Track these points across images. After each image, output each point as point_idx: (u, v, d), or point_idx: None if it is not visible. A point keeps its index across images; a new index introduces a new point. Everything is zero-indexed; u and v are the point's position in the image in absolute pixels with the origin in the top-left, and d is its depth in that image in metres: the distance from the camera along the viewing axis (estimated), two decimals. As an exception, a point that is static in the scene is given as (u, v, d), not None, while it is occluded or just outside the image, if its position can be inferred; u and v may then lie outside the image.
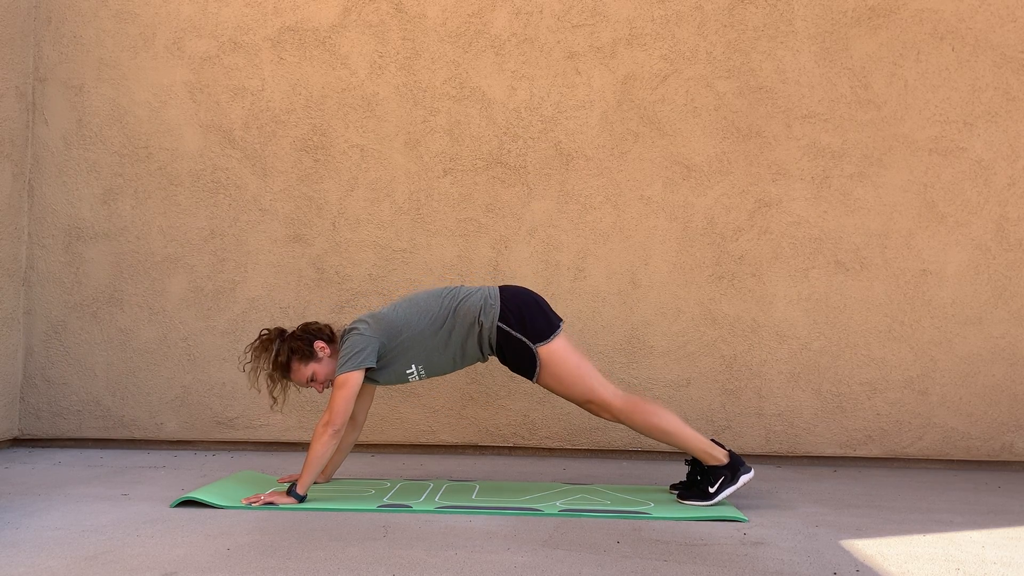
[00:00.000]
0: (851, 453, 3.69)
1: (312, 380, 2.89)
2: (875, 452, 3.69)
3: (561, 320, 2.90)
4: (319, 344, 2.87)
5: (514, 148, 3.81)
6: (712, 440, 2.82)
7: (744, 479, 2.75)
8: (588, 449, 3.75)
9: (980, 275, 3.69)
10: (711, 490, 2.74)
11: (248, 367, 2.89)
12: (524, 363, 2.84)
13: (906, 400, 3.68)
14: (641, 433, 2.88)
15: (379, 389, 3.77)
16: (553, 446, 3.76)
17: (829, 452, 3.70)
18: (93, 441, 3.86)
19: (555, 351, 2.81)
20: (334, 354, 2.89)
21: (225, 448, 3.84)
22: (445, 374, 3.00)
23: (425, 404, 3.78)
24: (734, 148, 3.76)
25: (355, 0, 3.87)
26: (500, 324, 2.82)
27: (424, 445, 3.80)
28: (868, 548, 2.32)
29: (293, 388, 2.97)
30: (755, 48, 3.78)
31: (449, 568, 2.04)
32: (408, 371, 2.88)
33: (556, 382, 2.83)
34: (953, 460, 3.68)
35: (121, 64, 3.91)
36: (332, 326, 2.97)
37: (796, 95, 3.76)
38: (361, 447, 3.79)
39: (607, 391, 2.82)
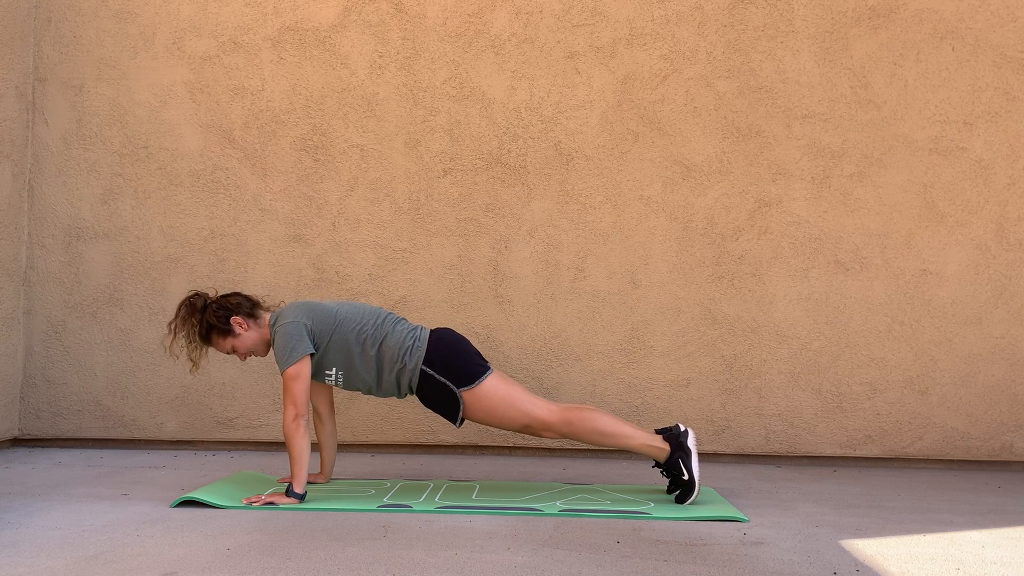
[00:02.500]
0: (851, 453, 3.69)
1: (232, 351, 2.93)
2: (875, 452, 3.69)
3: (488, 365, 2.86)
4: (236, 320, 2.88)
5: (514, 148, 3.81)
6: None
7: (691, 442, 2.78)
8: (588, 449, 3.75)
9: (980, 275, 3.69)
10: (685, 478, 2.76)
11: (168, 340, 2.90)
12: (446, 406, 2.84)
13: (906, 400, 3.68)
14: (587, 443, 2.88)
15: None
16: (553, 446, 3.76)
17: (829, 452, 3.70)
18: (93, 441, 3.86)
19: (481, 391, 2.80)
20: (255, 327, 2.91)
21: (225, 448, 3.84)
22: (361, 392, 3.00)
23: (425, 404, 3.78)
24: (734, 148, 3.76)
25: (355, 0, 3.87)
26: (424, 367, 2.81)
27: (424, 445, 3.80)
28: (868, 548, 2.32)
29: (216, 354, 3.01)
30: (755, 48, 3.78)
31: (449, 568, 2.04)
32: (328, 372, 2.89)
33: (487, 415, 2.82)
34: (953, 460, 3.69)
35: (121, 64, 3.91)
36: (255, 298, 2.98)
37: (796, 95, 3.76)
38: (361, 447, 3.79)
39: (541, 409, 2.81)
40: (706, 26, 3.79)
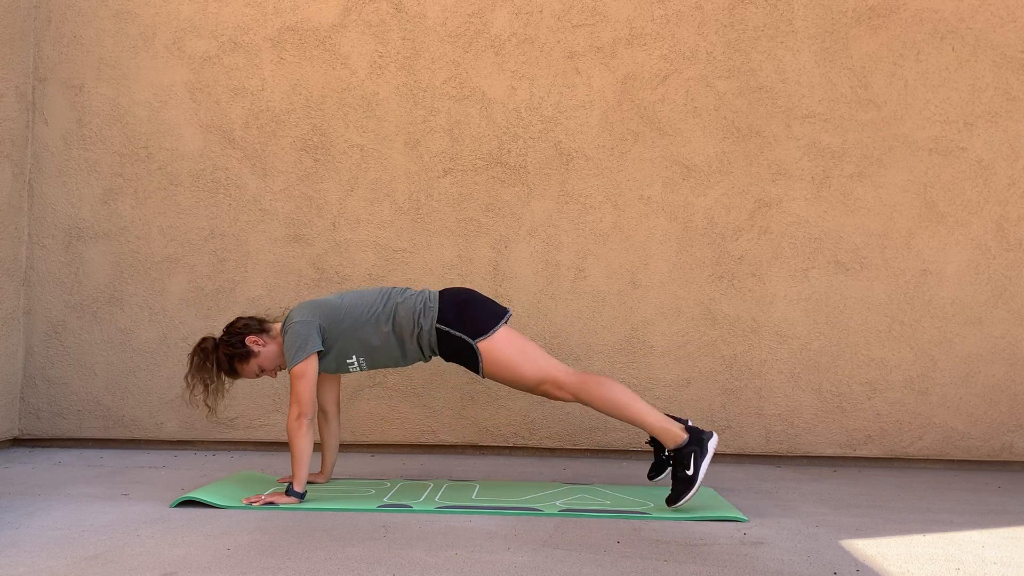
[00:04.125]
0: (851, 453, 3.69)
1: (261, 372, 2.94)
2: (875, 452, 3.69)
3: (506, 311, 2.90)
4: (250, 339, 2.90)
5: (514, 148, 3.81)
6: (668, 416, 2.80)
7: (712, 444, 2.68)
8: (588, 449, 3.75)
9: (980, 275, 3.69)
10: (689, 472, 2.65)
11: (187, 392, 2.91)
12: (467, 359, 2.86)
13: (906, 400, 3.68)
14: (598, 410, 2.83)
15: (378, 388, 3.77)
16: (553, 446, 3.76)
17: (829, 452, 3.70)
18: (93, 441, 3.86)
19: (496, 341, 2.81)
20: (271, 340, 2.92)
21: (225, 448, 3.84)
22: (389, 368, 3.04)
23: (425, 404, 3.78)
24: (734, 148, 3.76)
25: (355, 0, 3.87)
26: (439, 325, 2.83)
27: (424, 445, 3.80)
28: (868, 548, 2.32)
29: (229, 386, 3.00)
30: (755, 48, 3.78)
31: (449, 568, 2.04)
32: (349, 361, 2.91)
33: (503, 370, 2.82)
34: (953, 460, 3.69)
35: (121, 64, 3.91)
36: (258, 316, 3.02)
37: (796, 95, 3.76)
38: (361, 447, 3.79)
39: (559, 370, 2.81)
40: (706, 26, 3.79)
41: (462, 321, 2.84)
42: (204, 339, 2.95)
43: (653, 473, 2.88)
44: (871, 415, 3.69)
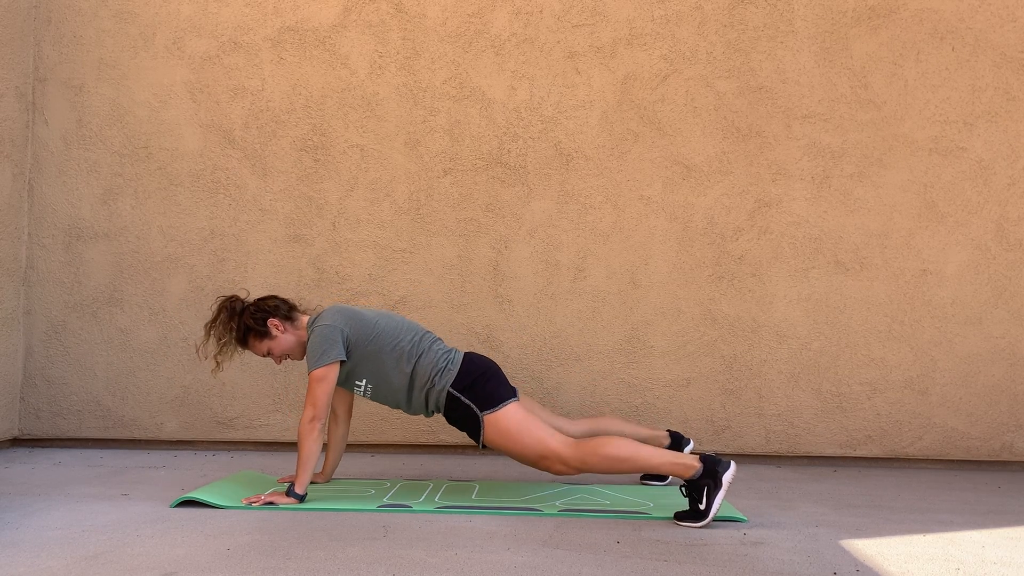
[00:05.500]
0: (851, 453, 3.69)
1: (269, 354, 2.93)
2: (875, 452, 3.69)
3: (515, 392, 2.85)
4: (273, 322, 2.89)
5: (514, 148, 3.81)
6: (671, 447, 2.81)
7: (727, 478, 2.56)
8: (588, 449, 3.75)
9: (980, 275, 3.69)
10: (702, 507, 2.54)
11: (203, 341, 2.91)
12: (470, 427, 2.82)
13: (906, 400, 3.68)
14: (607, 474, 2.79)
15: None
16: (553, 446, 3.75)
17: (829, 452, 3.70)
18: (93, 441, 3.86)
19: (501, 415, 2.77)
20: (293, 330, 2.91)
21: (225, 448, 3.84)
22: (389, 407, 3.03)
23: (425, 404, 3.78)
24: (734, 148, 3.76)
25: (355, 0, 3.87)
26: (451, 389, 2.81)
27: (424, 445, 3.80)
28: (868, 548, 2.32)
29: (240, 353, 3.00)
30: (755, 48, 3.78)
31: (449, 568, 2.04)
32: (358, 382, 2.89)
33: (505, 440, 2.77)
34: (953, 460, 3.69)
35: (121, 64, 3.91)
36: (292, 301, 3.00)
37: (796, 95, 3.76)
38: (361, 447, 3.79)
39: (556, 441, 2.73)
40: (706, 26, 3.79)
41: (474, 391, 2.80)
42: (235, 299, 2.93)
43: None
44: (871, 415, 3.69)
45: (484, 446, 2.82)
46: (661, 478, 3.10)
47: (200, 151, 3.87)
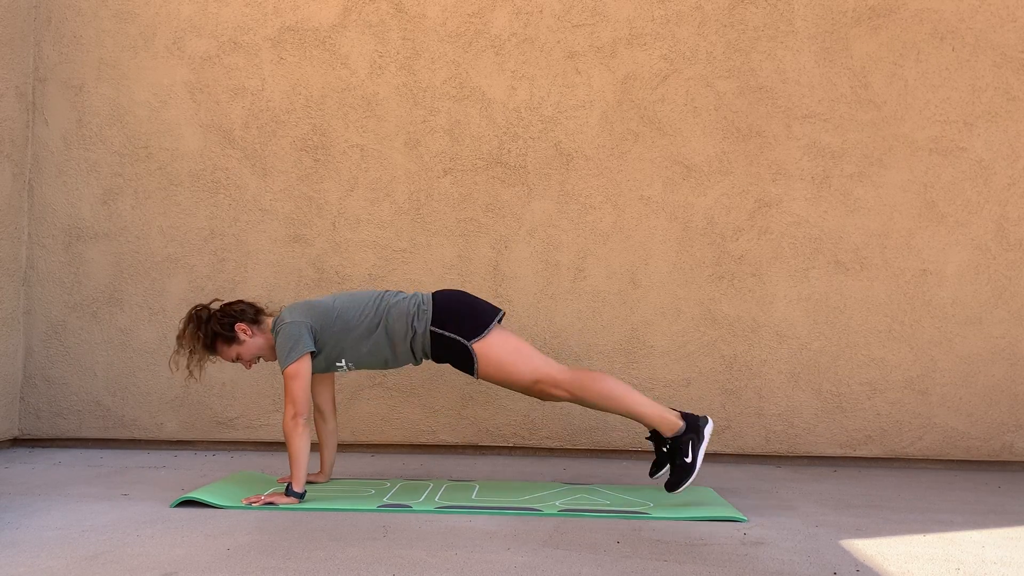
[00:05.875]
0: (851, 453, 3.69)
1: (238, 359, 2.95)
2: (875, 452, 3.69)
3: (499, 311, 2.90)
4: (240, 327, 2.91)
5: (514, 148, 3.81)
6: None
7: (708, 430, 2.77)
8: (588, 449, 3.75)
9: (980, 275, 3.69)
10: (688, 460, 2.73)
11: (174, 355, 2.93)
12: (461, 361, 2.86)
13: (906, 400, 3.68)
14: (596, 407, 2.85)
15: (377, 388, 3.77)
16: (553, 446, 3.76)
17: (829, 452, 3.70)
18: (93, 441, 3.86)
19: (491, 341, 2.82)
20: (259, 333, 2.94)
21: (225, 448, 3.84)
22: (379, 369, 3.08)
23: (425, 404, 3.78)
24: (734, 148, 3.76)
25: (355, 0, 3.87)
26: (433, 328, 2.84)
27: (424, 445, 3.80)
28: (868, 548, 2.32)
29: (212, 359, 3.01)
30: (755, 48, 3.78)
31: (449, 568, 2.04)
32: (338, 363, 2.93)
33: (498, 370, 2.83)
34: (953, 460, 3.69)
35: (121, 64, 3.91)
36: (258, 304, 3.02)
37: (796, 95, 3.76)
38: (361, 447, 3.79)
39: (553, 367, 2.82)
40: (706, 26, 3.79)
41: (456, 323, 2.84)
42: (200, 308, 2.95)
43: (654, 470, 2.89)
44: (871, 415, 3.69)
45: (478, 377, 2.86)
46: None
47: (200, 151, 3.87)
